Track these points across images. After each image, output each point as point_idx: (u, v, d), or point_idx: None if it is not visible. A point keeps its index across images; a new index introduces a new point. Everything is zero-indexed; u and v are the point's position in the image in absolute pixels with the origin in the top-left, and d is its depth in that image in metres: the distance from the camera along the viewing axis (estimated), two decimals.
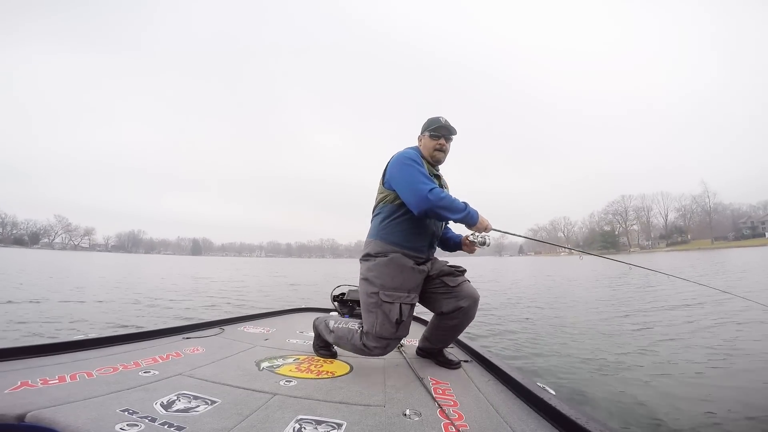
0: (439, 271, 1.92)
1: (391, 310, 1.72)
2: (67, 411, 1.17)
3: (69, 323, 5.33)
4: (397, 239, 1.85)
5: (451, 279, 1.88)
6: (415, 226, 1.86)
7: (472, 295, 1.87)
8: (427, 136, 1.98)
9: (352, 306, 3.44)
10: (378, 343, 1.73)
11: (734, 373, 3.13)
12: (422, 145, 2.02)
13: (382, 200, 1.93)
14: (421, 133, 2.04)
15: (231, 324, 2.94)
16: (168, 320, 5.72)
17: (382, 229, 1.89)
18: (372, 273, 1.82)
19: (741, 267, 15.95)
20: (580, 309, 6.93)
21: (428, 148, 1.97)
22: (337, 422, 1.23)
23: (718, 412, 2.41)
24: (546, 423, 1.29)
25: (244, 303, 7.56)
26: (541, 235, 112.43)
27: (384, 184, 1.93)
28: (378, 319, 1.73)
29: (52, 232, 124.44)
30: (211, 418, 1.21)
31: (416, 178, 1.75)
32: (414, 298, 1.81)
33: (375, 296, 1.76)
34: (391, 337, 1.73)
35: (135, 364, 1.76)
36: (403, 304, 1.73)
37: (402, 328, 1.73)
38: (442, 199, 1.70)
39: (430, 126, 1.98)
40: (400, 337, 1.76)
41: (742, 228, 76.74)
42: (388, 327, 1.71)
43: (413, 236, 1.86)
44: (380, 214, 1.93)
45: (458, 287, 1.87)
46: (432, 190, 1.70)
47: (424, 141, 1.99)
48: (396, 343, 1.78)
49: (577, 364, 3.51)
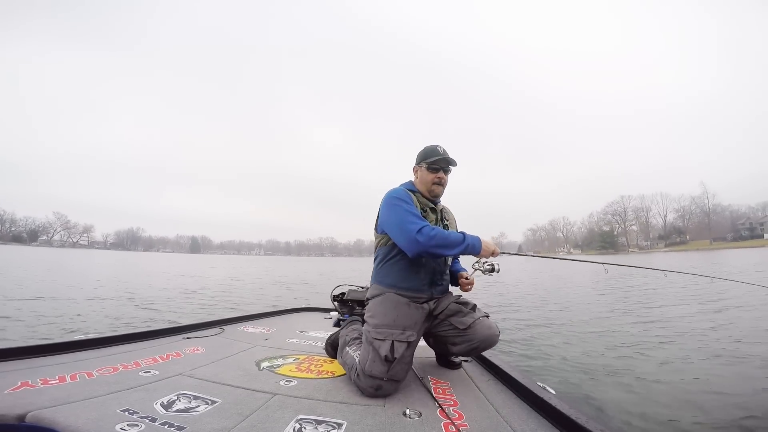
0: (445, 310, 1.74)
1: (381, 346, 1.55)
2: (67, 411, 1.17)
3: (69, 320, 5.33)
4: (393, 281, 1.75)
5: (459, 320, 1.70)
6: (411, 265, 1.73)
7: (488, 337, 1.68)
8: (425, 168, 1.82)
9: (352, 306, 3.43)
10: (367, 383, 1.50)
11: (739, 373, 3.11)
12: (418, 178, 1.87)
13: (378, 244, 1.83)
14: (417, 164, 1.87)
15: (231, 324, 2.94)
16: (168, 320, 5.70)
17: (378, 273, 1.81)
18: (368, 314, 1.73)
19: (749, 267, 15.78)
20: (579, 309, 6.93)
21: (425, 182, 1.83)
22: (338, 422, 1.24)
23: (720, 412, 2.40)
24: (546, 423, 1.29)
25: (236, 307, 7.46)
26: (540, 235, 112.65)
27: (377, 229, 1.83)
28: (369, 356, 1.56)
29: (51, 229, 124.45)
30: (211, 418, 1.21)
31: (404, 218, 1.62)
32: (410, 336, 1.62)
33: (366, 333, 1.66)
34: (381, 377, 1.50)
35: (135, 364, 1.76)
36: (396, 341, 1.57)
37: (395, 368, 1.52)
38: (433, 238, 1.57)
39: (427, 157, 1.82)
40: (394, 378, 1.52)
41: (741, 229, 76.90)
42: (378, 365, 1.51)
43: (409, 276, 1.74)
44: (377, 258, 1.84)
45: (469, 329, 1.68)
46: (421, 231, 1.57)
47: (421, 174, 1.85)
48: (391, 387, 1.52)
49: (577, 364, 3.51)
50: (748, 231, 74.98)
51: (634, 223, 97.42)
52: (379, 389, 1.50)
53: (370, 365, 1.52)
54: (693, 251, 58.35)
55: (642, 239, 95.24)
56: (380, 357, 1.52)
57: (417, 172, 1.88)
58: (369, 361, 1.54)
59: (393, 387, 1.53)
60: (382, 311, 1.67)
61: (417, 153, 1.91)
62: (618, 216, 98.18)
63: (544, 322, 5.74)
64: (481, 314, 1.74)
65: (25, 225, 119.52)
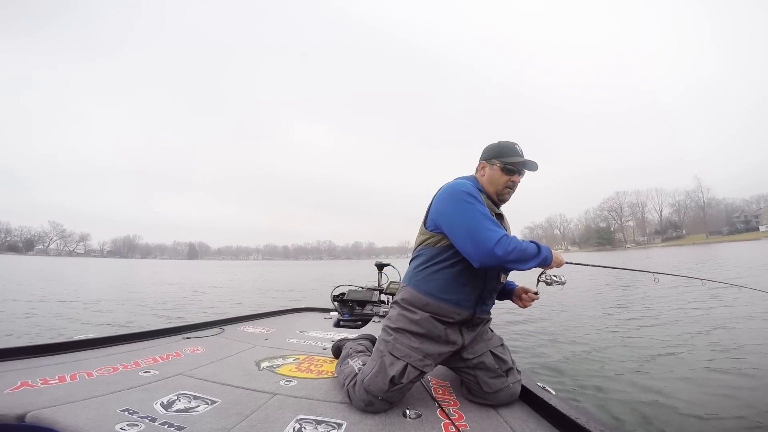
0: (477, 359, 1.51)
1: (393, 364, 1.39)
2: (67, 411, 1.17)
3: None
4: (433, 289, 1.46)
5: (487, 381, 1.47)
6: (462, 276, 1.44)
7: (505, 402, 1.48)
8: (498, 167, 1.52)
9: (352, 306, 3.44)
10: (361, 397, 1.36)
11: (745, 373, 3.07)
12: (486, 177, 1.55)
13: (423, 242, 1.54)
14: (487, 161, 1.56)
15: (231, 324, 2.94)
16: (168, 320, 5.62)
17: (416, 275, 1.52)
18: (395, 323, 1.50)
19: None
20: (579, 308, 6.94)
21: (496, 183, 1.53)
22: (337, 422, 1.24)
23: (720, 412, 2.37)
24: (546, 423, 1.30)
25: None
26: (537, 233, 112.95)
27: (427, 225, 1.53)
28: (373, 370, 1.40)
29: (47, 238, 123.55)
30: (211, 418, 1.21)
31: (479, 223, 1.35)
32: (427, 366, 1.43)
33: (383, 343, 1.47)
34: (377, 395, 1.35)
35: (135, 364, 1.77)
36: (410, 365, 1.39)
37: (396, 391, 1.37)
38: (511, 252, 1.31)
39: (503, 155, 1.52)
40: (389, 400, 1.37)
41: (736, 222, 77.48)
42: (380, 382, 1.36)
43: (455, 288, 1.45)
44: (418, 258, 1.55)
45: (494, 394, 1.46)
46: (499, 242, 1.31)
47: (491, 173, 1.54)
48: (382, 406, 1.37)
49: (578, 364, 3.51)
50: (743, 224, 75.55)
51: (631, 219, 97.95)
52: (369, 406, 1.35)
53: (371, 380, 1.37)
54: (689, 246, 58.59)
55: (639, 235, 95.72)
56: (387, 375, 1.36)
57: (484, 170, 1.56)
58: (371, 375, 1.38)
59: (385, 407, 1.37)
60: (411, 328, 1.45)
61: (487, 147, 1.59)
62: (614, 212, 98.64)
63: (544, 321, 5.74)
64: (514, 379, 1.51)
65: (20, 234, 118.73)
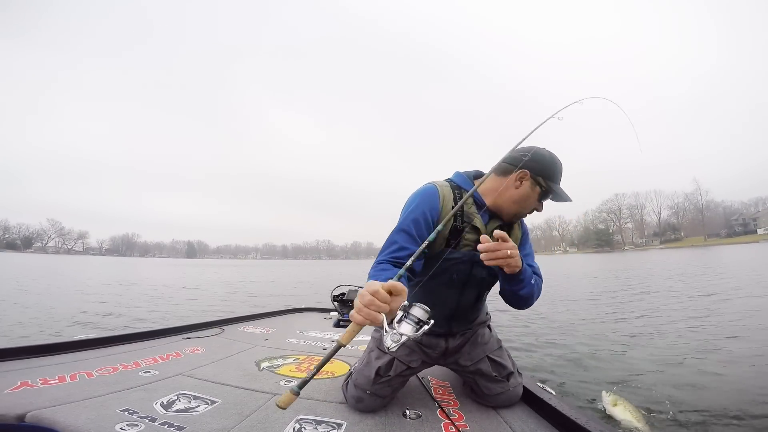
0: (474, 366, 1.48)
1: (379, 357, 1.39)
2: (67, 411, 1.17)
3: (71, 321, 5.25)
4: (413, 300, 1.33)
5: (488, 386, 1.46)
6: (432, 294, 1.26)
7: (505, 404, 1.47)
8: (539, 191, 1.31)
9: (352, 306, 3.43)
10: (350, 392, 1.39)
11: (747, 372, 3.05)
12: (519, 193, 1.31)
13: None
14: (533, 175, 1.29)
15: (231, 324, 2.94)
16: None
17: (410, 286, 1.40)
18: None
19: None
20: (579, 308, 6.93)
21: (524, 205, 1.33)
22: (337, 422, 1.24)
23: (723, 417, 2.34)
24: (546, 423, 1.30)
25: None
26: (536, 234, 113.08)
27: None
28: (362, 362, 1.44)
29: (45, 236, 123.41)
30: (211, 418, 1.21)
31: (388, 238, 1.29)
32: (413, 362, 1.43)
33: (373, 341, 1.49)
34: (364, 388, 1.35)
35: (135, 364, 1.77)
36: (397, 359, 1.38)
37: (383, 384, 1.35)
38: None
39: (546, 175, 1.30)
40: (378, 394, 1.36)
41: (734, 225, 77.84)
42: (366, 374, 1.37)
43: (428, 303, 1.31)
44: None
45: (495, 397, 1.45)
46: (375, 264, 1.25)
47: (529, 192, 1.31)
48: (373, 403, 1.36)
49: (578, 364, 3.50)
50: (741, 227, 75.88)
51: (629, 221, 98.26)
52: (359, 402, 1.35)
53: (358, 374, 1.41)
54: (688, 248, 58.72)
55: (637, 237, 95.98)
56: (372, 368, 1.37)
57: (523, 183, 1.31)
58: (359, 369, 1.42)
59: (376, 404, 1.36)
60: None
61: (536, 154, 1.28)
62: (613, 214, 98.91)
63: (544, 320, 5.73)
64: (516, 383, 1.48)
65: (18, 232, 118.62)
